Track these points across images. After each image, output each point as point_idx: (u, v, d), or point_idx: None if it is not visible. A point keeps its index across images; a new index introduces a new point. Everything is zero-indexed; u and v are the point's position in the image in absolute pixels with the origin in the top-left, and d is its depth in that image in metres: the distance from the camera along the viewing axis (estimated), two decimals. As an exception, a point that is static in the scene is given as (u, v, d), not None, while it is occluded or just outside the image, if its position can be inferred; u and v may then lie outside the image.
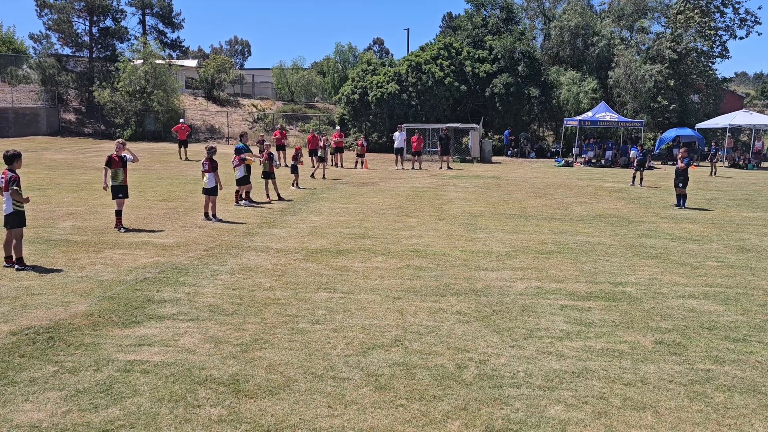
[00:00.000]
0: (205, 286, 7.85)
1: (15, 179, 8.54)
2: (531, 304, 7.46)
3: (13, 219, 8.54)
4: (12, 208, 8.53)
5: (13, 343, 5.78)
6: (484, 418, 4.57)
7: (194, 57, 58.99)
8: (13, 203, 8.53)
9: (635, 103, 35.06)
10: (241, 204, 15.05)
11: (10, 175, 8.54)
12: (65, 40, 40.35)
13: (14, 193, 8.50)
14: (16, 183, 8.51)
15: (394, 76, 34.90)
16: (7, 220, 8.57)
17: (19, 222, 8.56)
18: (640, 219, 14.20)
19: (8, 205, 8.53)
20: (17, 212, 8.56)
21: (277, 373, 5.28)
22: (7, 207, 8.55)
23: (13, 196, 8.51)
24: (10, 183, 8.49)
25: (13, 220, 8.53)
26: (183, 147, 26.85)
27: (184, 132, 27.00)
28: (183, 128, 27.11)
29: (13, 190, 8.49)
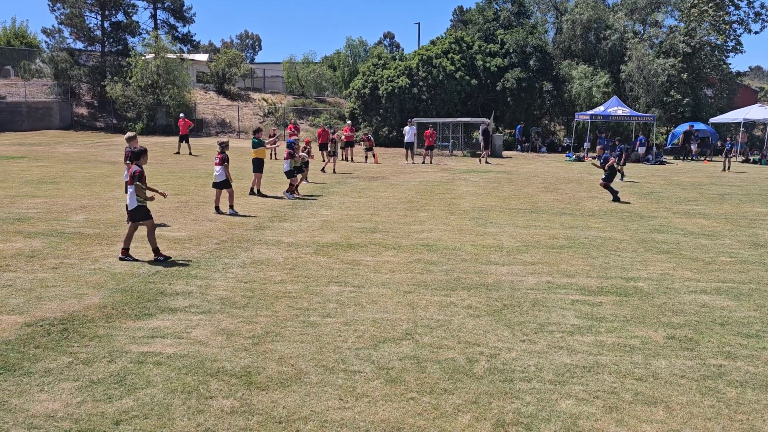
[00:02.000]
0: (216, 279, 7.90)
1: (139, 174, 8.70)
2: (542, 298, 7.45)
3: (136, 213, 8.72)
4: (136, 202, 8.71)
5: (29, 335, 5.85)
6: (495, 411, 4.58)
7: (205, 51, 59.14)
8: (137, 198, 8.69)
9: (648, 97, 34.80)
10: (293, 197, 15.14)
11: (135, 169, 8.73)
12: (77, 34, 40.58)
13: (138, 189, 8.66)
14: (140, 178, 8.69)
15: (405, 70, 34.83)
16: (131, 214, 8.77)
17: (143, 216, 8.74)
18: (651, 214, 14.12)
19: (132, 199, 8.72)
20: (141, 207, 8.73)
21: (288, 365, 5.31)
22: (131, 201, 8.73)
23: (136, 191, 8.67)
24: (135, 178, 8.66)
25: (136, 215, 8.72)
26: (184, 141, 26.79)
27: (185, 126, 27.00)
28: (184, 123, 27.11)
29: (136, 185, 8.65)
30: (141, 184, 8.68)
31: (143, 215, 8.74)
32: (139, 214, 8.73)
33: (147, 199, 8.76)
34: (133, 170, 8.71)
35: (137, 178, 8.67)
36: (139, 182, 8.67)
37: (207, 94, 44.01)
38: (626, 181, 21.11)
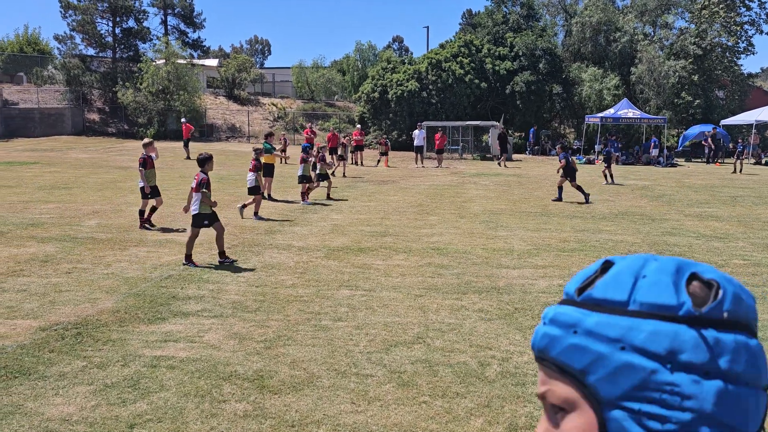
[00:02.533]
0: (228, 284, 7.94)
1: (205, 181, 8.84)
2: (553, 302, 7.42)
3: (197, 219, 8.85)
4: (199, 209, 8.82)
5: (43, 339, 5.90)
6: (508, 415, 4.57)
7: (215, 56, 59.48)
8: (201, 204, 8.81)
9: (658, 99, 34.65)
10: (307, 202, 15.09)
11: (202, 177, 8.85)
12: (89, 40, 40.95)
13: (204, 196, 8.79)
14: (206, 185, 8.81)
15: (414, 74, 34.88)
16: (192, 220, 8.92)
17: (199, 222, 8.87)
18: (663, 217, 14.04)
19: (196, 205, 8.84)
20: (202, 214, 8.84)
21: (300, 369, 5.32)
22: (194, 207, 8.86)
23: (203, 198, 8.80)
24: (201, 185, 8.79)
25: (197, 220, 8.85)
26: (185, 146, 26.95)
27: (187, 131, 27.15)
28: (186, 127, 27.27)
29: (203, 193, 8.78)
30: (207, 191, 8.80)
31: (201, 222, 8.87)
32: (199, 221, 8.86)
33: (212, 205, 8.90)
34: (200, 178, 8.83)
35: (204, 186, 8.78)
36: (205, 189, 8.78)
37: (217, 99, 44.25)
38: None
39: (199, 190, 8.78)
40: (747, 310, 0.78)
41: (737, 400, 0.73)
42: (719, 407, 0.71)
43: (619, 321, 0.75)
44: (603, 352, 0.74)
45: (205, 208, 8.86)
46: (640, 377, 0.73)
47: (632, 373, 0.73)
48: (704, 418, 0.71)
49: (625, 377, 0.73)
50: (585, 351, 0.75)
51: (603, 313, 0.76)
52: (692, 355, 0.72)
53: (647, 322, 0.74)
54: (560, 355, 0.78)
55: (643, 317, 0.74)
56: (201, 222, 8.86)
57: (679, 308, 0.73)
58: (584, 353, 0.75)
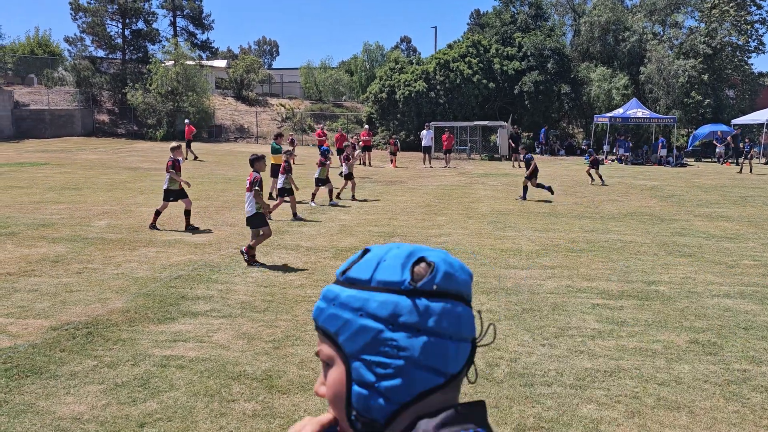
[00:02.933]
0: (237, 284, 7.97)
1: (258, 181, 8.86)
2: (562, 302, 7.41)
3: (255, 220, 8.91)
4: (255, 209, 8.87)
5: (54, 338, 5.95)
6: (516, 416, 4.57)
7: (224, 57, 59.69)
8: (256, 204, 8.85)
9: (668, 99, 34.46)
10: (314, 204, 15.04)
11: (255, 176, 8.91)
12: (99, 42, 41.20)
13: (256, 195, 8.82)
14: (258, 184, 8.84)
15: (422, 74, 34.87)
16: (249, 220, 8.98)
17: (260, 222, 8.92)
18: (672, 217, 13.97)
19: (251, 206, 8.88)
20: (259, 213, 8.90)
21: (309, 369, 5.34)
22: (250, 208, 8.90)
23: (255, 197, 8.83)
24: (254, 184, 8.83)
25: (255, 221, 8.91)
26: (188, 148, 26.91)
27: (188, 132, 27.18)
28: (188, 129, 27.31)
29: (255, 191, 8.82)
30: (260, 190, 8.84)
31: (260, 222, 8.90)
32: (257, 221, 8.90)
33: (265, 207, 8.94)
34: (253, 177, 8.88)
35: (256, 185, 8.81)
36: (258, 188, 8.82)
37: (225, 100, 44.41)
38: (645, 184, 20.91)
39: (252, 190, 8.82)
40: (458, 285, 1.01)
41: (439, 349, 0.97)
42: (424, 355, 0.96)
43: (362, 294, 0.99)
44: (348, 319, 0.98)
45: (261, 208, 8.87)
46: (371, 336, 0.97)
47: (366, 333, 0.97)
48: (413, 362, 0.96)
49: (361, 337, 0.97)
50: (337, 318, 0.99)
51: (353, 289, 1.00)
52: (407, 318, 0.96)
53: (380, 294, 0.98)
54: (323, 322, 1.01)
55: (378, 291, 0.98)
56: (262, 221, 8.88)
57: (402, 283, 0.98)
58: (337, 320, 0.99)
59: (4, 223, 11.74)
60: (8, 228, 11.27)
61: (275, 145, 16.26)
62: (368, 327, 0.97)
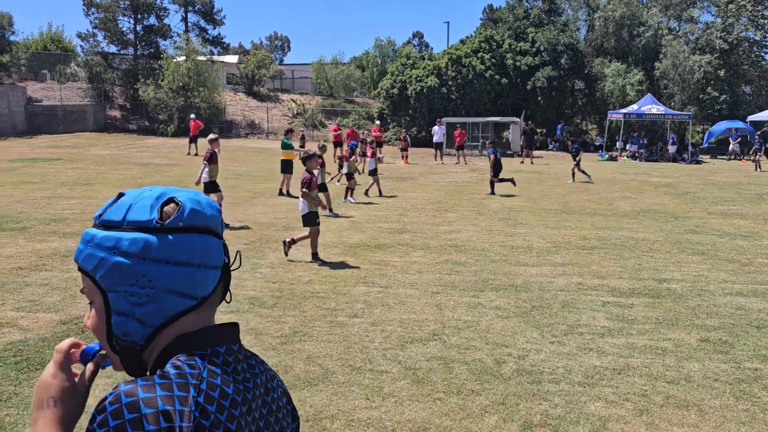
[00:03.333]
0: (245, 279, 7.98)
1: (307, 181, 8.83)
2: (572, 300, 7.35)
3: (307, 218, 8.91)
4: (307, 208, 8.88)
5: (64, 332, 5.99)
6: (523, 413, 4.54)
7: (235, 53, 59.83)
8: (308, 204, 8.86)
9: (683, 95, 34.09)
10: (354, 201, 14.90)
11: (305, 176, 8.90)
12: (111, 38, 41.40)
13: (305, 195, 8.81)
14: (307, 185, 8.80)
15: (434, 69, 34.74)
16: (303, 219, 9.00)
17: (311, 221, 8.92)
18: (686, 214, 13.83)
19: (304, 205, 8.88)
20: (311, 213, 8.90)
21: (316, 365, 5.34)
22: (303, 207, 8.91)
23: (304, 197, 8.83)
24: (304, 184, 8.83)
25: (308, 220, 8.91)
26: (193, 143, 26.85)
27: (195, 128, 27.12)
28: (194, 124, 27.25)
29: (303, 192, 8.81)
30: (308, 191, 8.79)
31: (311, 221, 8.88)
32: (310, 219, 8.88)
33: (317, 204, 8.93)
34: (303, 177, 8.88)
35: (305, 185, 8.79)
36: (306, 189, 8.78)
37: (237, 95, 44.52)
38: (660, 181, 20.71)
39: (301, 190, 8.83)
40: (206, 220, 1.15)
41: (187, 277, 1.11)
42: (173, 283, 1.10)
43: (114, 234, 1.11)
44: (103, 257, 1.10)
45: (313, 207, 8.85)
46: (124, 271, 1.10)
47: (119, 268, 1.10)
48: (163, 290, 1.10)
49: (115, 272, 1.10)
50: (94, 257, 1.11)
51: (107, 230, 1.12)
52: (156, 253, 1.09)
53: (131, 233, 1.10)
54: (82, 262, 1.14)
55: (129, 231, 1.11)
56: (314, 220, 8.87)
57: (150, 222, 1.11)
58: (93, 259, 1.11)
59: (17, 218, 11.84)
60: (20, 223, 11.36)
61: (286, 141, 16.25)
62: (121, 263, 1.10)
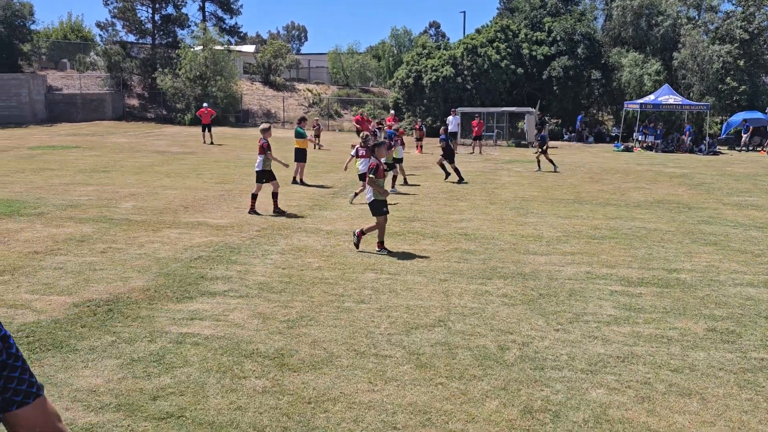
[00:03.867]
0: (255, 265, 8.07)
1: (374, 167, 8.79)
2: (579, 288, 7.35)
3: (374, 207, 8.87)
4: (374, 196, 8.84)
5: (76, 314, 6.12)
6: (524, 398, 4.57)
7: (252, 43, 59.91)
8: (374, 192, 8.82)
9: (701, 85, 33.59)
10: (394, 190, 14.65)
11: (372, 163, 8.88)
12: (129, 27, 41.68)
13: (371, 182, 8.76)
14: (374, 171, 8.75)
15: (449, 59, 34.56)
16: (371, 208, 8.96)
17: (378, 210, 8.84)
18: (700, 205, 13.70)
19: (370, 192, 8.87)
20: (377, 201, 8.84)
21: (321, 348, 5.41)
22: (369, 195, 8.89)
23: (370, 184, 8.80)
24: (371, 171, 8.80)
25: (376, 208, 8.86)
26: (207, 131, 26.94)
27: (207, 116, 27.21)
28: (207, 112, 27.33)
29: (370, 179, 8.79)
30: (375, 177, 8.72)
31: (380, 209, 8.82)
32: (375, 208, 8.84)
33: (383, 194, 8.83)
34: (370, 163, 8.80)
35: (372, 172, 8.73)
36: (373, 176, 8.72)
37: (253, 84, 44.65)
38: (675, 171, 20.50)
39: (367, 176, 8.78)
40: None
41: None
42: None
43: None
44: None
45: (379, 195, 8.81)
46: None
47: None
48: None
49: None
50: None
51: None
52: None
53: None
54: None
55: None
56: (381, 209, 8.80)
57: None
58: None
59: (35, 203, 12.04)
60: (38, 208, 11.56)
61: (299, 130, 16.30)
62: None
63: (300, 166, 15.88)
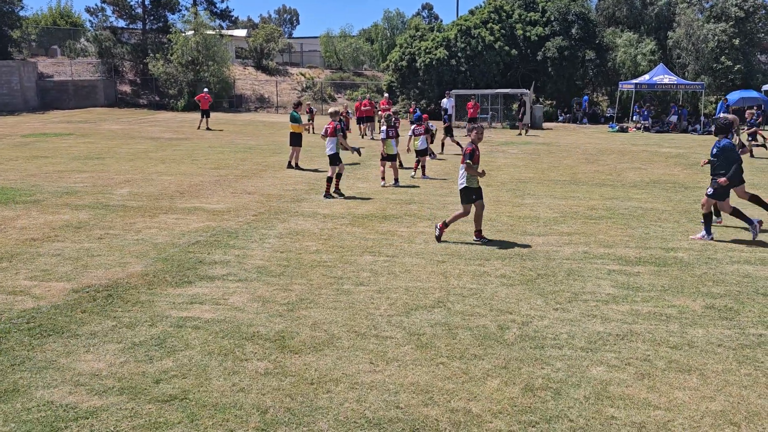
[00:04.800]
0: (253, 249, 8.07)
1: (470, 152, 8.41)
2: (577, 268, 7.38)
3: (464, 193, 8.52)
4: (465, 182, 8.46)
5: (76, 300, 6.11)
6: (524, 376, 4.60)
7: (243, 27, 59.41)
8: (468, 177, 8.43)
9: (696, 64, 33.51)
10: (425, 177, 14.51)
11: (467, 147, 8.48)
12: (119, 12, 41.22)
13: (469, 168, 8.37)
14: (470, 156, 8.39)
15: (443, 41, 34.36)
16: (461, 195, 8.59)
17: (468, 197, 8.47)
18: (697, 185, 13.73)
19: (462, 179, 8.50)
20: (468, 188, 8.45)
21: (321, 330, 5.42)
22: (461, 181, 8.53)
23: (468, 170, 8.38)
24: (467, 156, 8.41)
25: (465, 196, 8.51)
26: (205, 117, 26.79)
27: (206, 102, 27.02)
28: (205, 98, 27.14)
29: (467, 164, 8.37)
30: (471, 162, 8.37)
31: (469, 197, 8.48)
32: (465, 195, 8.50)
33: (478, 175, 8.41)
34: (466, 148, 8.47)
35: (468, 157, 8.38)
36: (470, 161, 8.37)
37: (246, 69, 44.34)
38: (670, 152, 20.53)
39: (464, 162, 8.38)
40: None
41: None
42: None
43: None
44: None
45: (473, 182, 8.44)
46: None
47: None
48: None
49: None
50: None
51: None
52: None
53: None
54: None
55: None
56: (471, 197, 8.47)
57: None
58: None
59: (30, 191, 11.98)
60: (33, 196, 11.50)
61: (295, 114, 16.24)
62: None
63: (295, 150, 15.83)
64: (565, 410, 4.13)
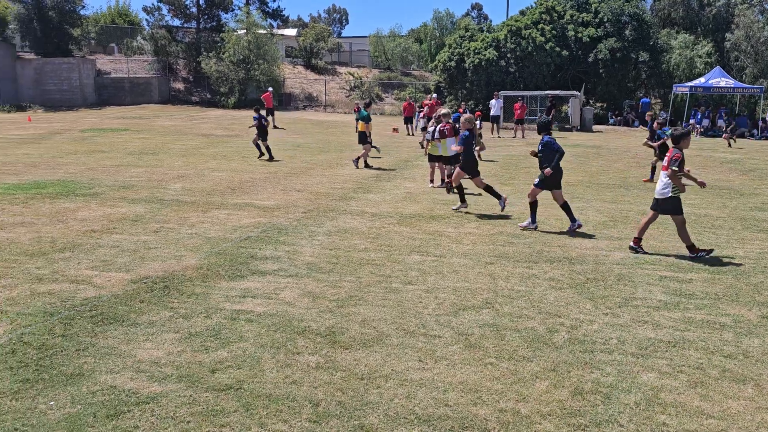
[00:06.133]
0: (303, 246, 8.22)
1: (678, 158, 7.70)
2: (628, 273, 7.27)
3: (672, 204, 7.83)
4: (671, 191, 7.80)
5: (134, 290, 6.36)
6: (574, 380, 4.59)
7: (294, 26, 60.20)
8: (673, 187, 7.79)
9: (755, 67, 32.41)
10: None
11: (675, 153, 7.74)
12: (175, 11, 42.33)
13: (672, 175, 7.71)
14: (678, 163, 7.66)
15: (492, 42, 34.12)
16: (659, 204, 7.95)
17: (678, 207, 7.86)
18: (753, 191, 13.32)
19: (667, 188, 7.81)
20: (673, 198, 7.79)
21: (370, 327, 5.51)
22: (665, 190, 7.84)
23: (672, 177, 7.72)
24: (673, 163, 7.68)
25: (666, 205, 7.87)
26: (271, 115, 27.27)
27: (270, 100, 27.50)
28: (270, 97, 27.63)
29: (673, 171, 7.67)
30: (678, 170, 7.69)
31: (671, 208, 7.84)
32: (667, 206, 7.86)
33: (681, 189, 7.80)
34: (673, 154, 7.72)
35: (675, 164, 7.65)
36: (677, 168, 7.66)
37: (295, 68, 44.93)
38: (726, 157, 19.89)
39: (669, 168, 7.73)
40: None
41: None
42: None
43: None
44: None
45: (676, 191, 7.78)
46: None
47: None
48: None
49: None
50: None
51: None
52: None
53: None
54: None
55: None
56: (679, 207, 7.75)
57: None
58: None
59: (89, 184, 12.46)
60: (93, 189, 11.96)
61: (365, 113, 16.13)
62: None
63: (366, 148, 15.81)
64: (615, 415, 4.11)
